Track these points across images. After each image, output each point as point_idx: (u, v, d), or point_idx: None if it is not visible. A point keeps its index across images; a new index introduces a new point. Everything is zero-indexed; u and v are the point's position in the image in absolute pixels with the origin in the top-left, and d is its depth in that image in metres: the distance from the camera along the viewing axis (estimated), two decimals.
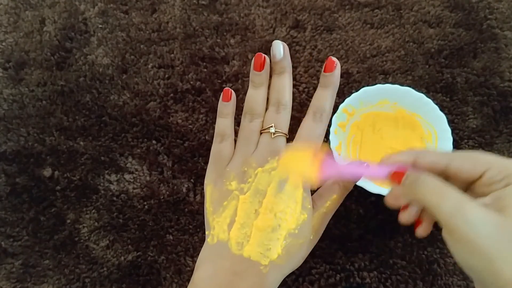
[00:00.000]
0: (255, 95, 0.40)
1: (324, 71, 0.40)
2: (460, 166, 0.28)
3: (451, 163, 0.29)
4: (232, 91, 0.41)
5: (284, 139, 0.39)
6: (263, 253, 0.34)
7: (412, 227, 0.34)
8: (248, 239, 0.34)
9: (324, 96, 0.41)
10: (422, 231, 0.33)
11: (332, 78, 0.41)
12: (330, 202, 0.40)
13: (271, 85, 0.40)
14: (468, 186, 0.30)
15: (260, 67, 0.39)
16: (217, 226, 0.36)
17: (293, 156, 0.31)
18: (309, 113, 0.41)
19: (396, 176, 0.30)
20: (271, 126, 0.38)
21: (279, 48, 0.38)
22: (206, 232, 0.38)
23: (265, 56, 0.38)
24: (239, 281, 0.33)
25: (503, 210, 0.24)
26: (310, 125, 0.40)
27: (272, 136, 0.38)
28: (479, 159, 0.28)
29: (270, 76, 0.43)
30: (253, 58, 0.39)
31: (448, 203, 0.26)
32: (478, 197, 0.28)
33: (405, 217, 0.33)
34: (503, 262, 0.23)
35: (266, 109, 0.42)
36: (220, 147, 0.41)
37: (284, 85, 0.39)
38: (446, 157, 0.29)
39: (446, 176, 0.29)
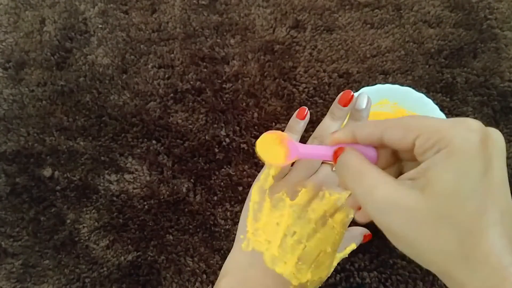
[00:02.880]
0: (330, 125, 0.39)
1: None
2: (392, 136, 0.25)
3: (384, 134, 0.25)
4: (308, 111, 0.41)
5: None
6: (295, 274, 0.34)
7: None
8: (285, 257, 0.34)
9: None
10: (360, 214, 0.29)
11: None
12: (349, 249, 0.40)
13: (345, 125, 0.40)
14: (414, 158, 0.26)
15: (346, 103, 0.39)
16: (256, 234, 0.36)
17: (264, 141, 0.32)
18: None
19: (335, 157, 0.27)
20: None
21: (364, 100, 0.38)
22: (241, 236, 0.37)
23: (353, 94, 0.38)
24: None
25: (426, 187, 0.21)
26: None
27: (333, 169, 0.39)
28: (409, 125, 0.24)
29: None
30: (341, 93, 0.38)
31: (362, 186, 0.23)
32: None
33: (349, 201, 0.30)
34: (429, 251, 0.21)
35: None
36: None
37: None
38: (380, 127, 0.25)
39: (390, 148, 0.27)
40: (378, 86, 0.45)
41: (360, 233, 0.42)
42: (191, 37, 0.55)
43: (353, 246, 0.40)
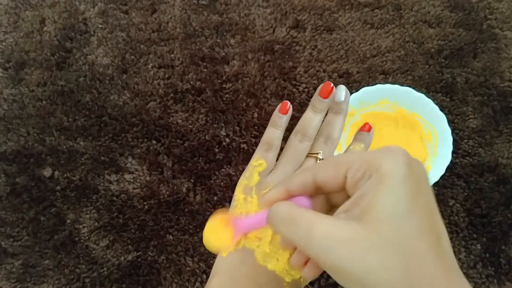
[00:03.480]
0: (312, 118, 0.39)
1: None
2: (324, 175, 0.25)
3: (317, 176, 0.25)
4: (290, 105, 0.40)
5: None
6: (288, 271, 0.34)
7: None
8: (276, 253, 0.34)
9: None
10: (307, 271, 0.28)
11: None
12: None
13: (325, 119, 0.40)
14: (347, 195, 0.25)
15: (326, 95, 0.38)
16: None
17: (211, 229, 0.32)
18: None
19: (267, 219, 0.26)
20: (319, 153, 0.38)
21: (342, 93, 0.38)
22: None
23: (334, 86, 0.38)
24: None
25: (363, 215, 0.21)
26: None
27: (318, 161, 0.38)
28: (338, 162, 0.24)
29: None
30: (321, 85, 0.38)
31: (299, 230, 0.22)
32: None
33: (293, 260, 0.29)
34: (376, 280, 0.20)
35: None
36: (264, 156, 0.40)
37: (337, 123, 0.39)
38: (310, 172, 0.25)
39: (324, 192, 0.26)
40: (378, 86, 0.45)
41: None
42: (191, 37, 0.55)
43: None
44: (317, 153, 0.37)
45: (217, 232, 0.31)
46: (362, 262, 0.20)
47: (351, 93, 0.45)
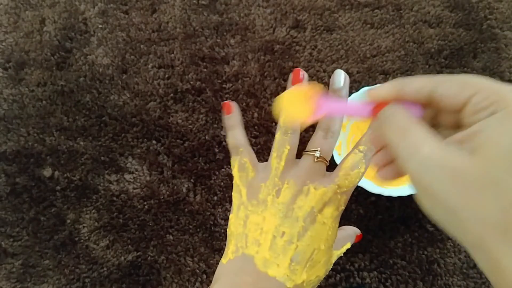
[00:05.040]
0: None
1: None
2: (446, 91, 0.24)
3: (438, 87, 0.24)
4: (232, 102, 0.39)
5: (325, 166, 0.37)
6: (289, 276, 0.33)
7: (412, 228, 0.34)
8: (276, 259, 0.34)
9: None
10: (385, 172, 0.28)
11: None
12: (345, 247, 0.40)
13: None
14: (459, 121, 0.24)
15: (297, 82, 0.37)
16: (244, 238, 0.36)
17: (289, 97, 0.29)
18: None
19: (375, 112, 0.26)
20: (317, 150, 0.36)
21: (341, 77, 0.36)
22: (231, 247, 0.37)
23: (303, 72, 0.36)
24: None
25: (476, 150, 0.20)
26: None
27: (315, 160, 0.36)
28: (467, 82, 0.23)
29: None
30: (291, 73, 0.36)
31: (407, 141, 0.22)
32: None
33: (376, 158, 0.28)
34: (468, 217, 0.20)
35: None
36: (239, 159, 0.38)
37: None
38: (433, 81, 0.24)
39: (435, 107, 0.25)
40: (378, 86, 0.45)
41: (353, 231, 0.42)
42: (191, 37, 0.55)
43: (348, 245, 0.39)
44: (315, 151, 0.35)
45: (296, 102, 0.29)
46: (462, 193, 0.20)
47: (351, 93, 0.45)
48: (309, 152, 0.36)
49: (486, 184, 0.20)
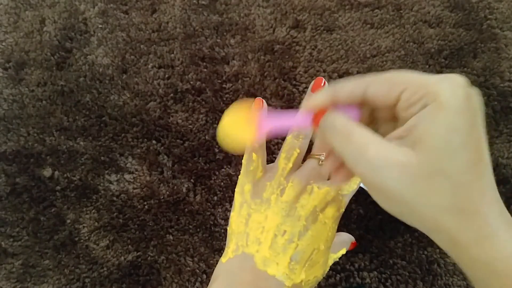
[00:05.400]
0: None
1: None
2: (377, 90, 0.24)
3: (368, 89, 0.24)
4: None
5: (329, 170, 0.38)
6: (289, 275, 0.34)
7: (412, 228, 0.34)
8: (276, 258, 0.34)
9: None
10: (338, 175, 0.28)
11: None
12: (340, 253, 0.40)
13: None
14: (394, 112, 0.25)
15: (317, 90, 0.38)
16: (245, 236, 0.36)
17: (229, 122, 0.28)
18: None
19: (316, 121, 0.26)
20: (322, 154, 0.38)
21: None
22: (232, 246, 0.37)
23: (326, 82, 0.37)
24: None
25: (416, 144, 0.21)
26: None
27: (320, 163, 0.37)
28: (395, 79, 0.24)
29: None
30: (314, 81, 0.37)
31: (352, 146, 0.23)
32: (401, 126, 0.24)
33: (326, 163, 0.29)
34: (422, 206, 0.21)
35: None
36: (249, 156, 0.39)
37: None
38: (363, 83, 0.25)
39: (370, 105, 0.26)
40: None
41: (349, 238, 0.42)
42: (191, 37, 0.55)
43: (344, 251, 0.40)
44: (320, 154, 0.37)
45: (237, 127, 0.28)
46: (412, 185, 0.21)
47: None
48: (315, 156, 0.37)
49: (432, 174, 0.21)
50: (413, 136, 0.22)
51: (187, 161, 0.50)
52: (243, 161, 0.37)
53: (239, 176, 0.37)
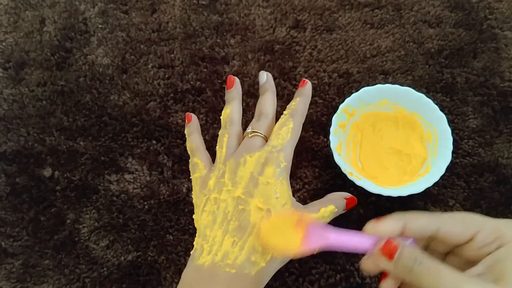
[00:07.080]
0: (227, 111, 0.42)
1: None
2: (450, 230, 0.27)
3: (442, 227, 0.28)
4: (191, 114, 0.46)
5: (260, 139, 0.40)
6: (253, 262, 0.33)
7: None
8: (227, 257, 0.33)
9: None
10: (387, 284, 0.30)
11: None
12: (326, 210, 0.39)
13: (257, 104, 0.44)
14: (453, 249, 0.29)
15: (230, 86, 0.44)
16: (202, 239, 0.36)
17: (273, 226, 0.28)
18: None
19: (387, 251, 0.27)
20: (249, 128, 0.41)
21: (263, 76, 0.44)
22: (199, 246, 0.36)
23: (234, 77, 0.44)
24: None
25: (500, 280, 0.24)
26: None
27: (249, 136, 0.40)
28: (469, 221, 0.27)
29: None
30: (226, 80, 0.43)
31: (445, 284, 0.25)
32: (467, 261, 0.28)
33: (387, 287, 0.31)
34: None
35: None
36: (192, 160, 0.43)
37: (265, 100, 0.42)
38: (437, 221, 0.28)
39: (438, 241, 0.29)
40: (378, 86, 0.45)
41: (339, 196, 0.41)
42: (191, 37, 0.55)
43: (332, 209, 0.38)
44: (247, 132, 0.40)
45: (282, 232, 0.27)
46: None
47: (351, 93, 0.45)
48: (244, 135, 0.40)
49: None
50: (495, 273, 0.25)
51: (187, 161, 0.50)
52: (190, 168, 0.41)
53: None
